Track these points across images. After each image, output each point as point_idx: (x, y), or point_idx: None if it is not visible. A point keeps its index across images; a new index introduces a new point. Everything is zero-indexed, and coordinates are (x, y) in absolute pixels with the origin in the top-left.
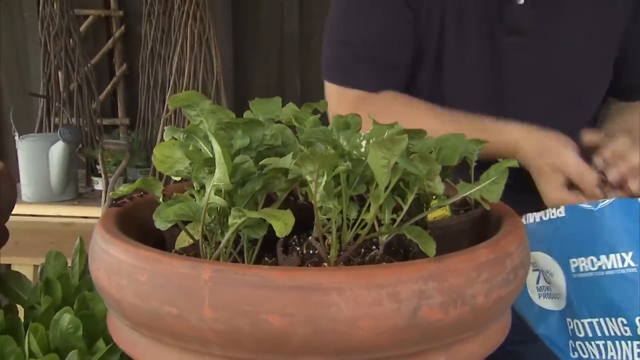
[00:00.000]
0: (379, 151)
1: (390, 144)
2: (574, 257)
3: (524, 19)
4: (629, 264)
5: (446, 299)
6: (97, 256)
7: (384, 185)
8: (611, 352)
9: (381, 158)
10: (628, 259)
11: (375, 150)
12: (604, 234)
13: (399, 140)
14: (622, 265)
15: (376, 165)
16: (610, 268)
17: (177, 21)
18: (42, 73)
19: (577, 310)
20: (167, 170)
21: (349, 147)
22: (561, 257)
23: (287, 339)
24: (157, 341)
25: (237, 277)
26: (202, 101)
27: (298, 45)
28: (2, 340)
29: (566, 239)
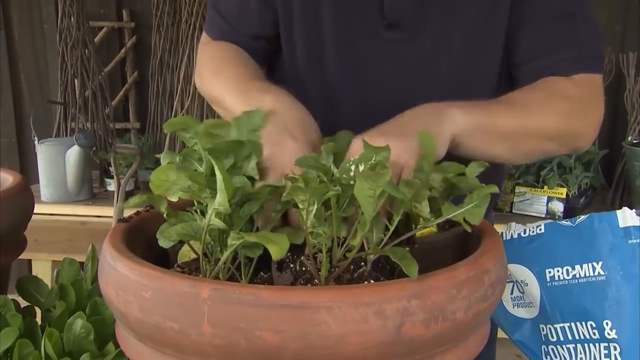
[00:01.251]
0: (365, 182)
1: (375, 177)
2: (551, 267)
3: (404, 11)
4: (599, 272)
5: (428, 315)
6: (106, 272)
7: (369, 214)
8: (580, 355)
9: (367, 189)
10: (598, 268)
11: (361, 181)
12: (578, 246)
13: (383, 174)
14: (593, 273)
15: (362, 196)
16: (583, 276)
17: (184, 33)
18: (60, 81)
19: (551, 316)
20: (164, 193)
21: (339, 173)
22: (538, 268)
23: (280, 354)
24: (160, 352)
25: (234, 295)
26: (195, 124)
27: None
28: (21, 343)
29: (544, 252)
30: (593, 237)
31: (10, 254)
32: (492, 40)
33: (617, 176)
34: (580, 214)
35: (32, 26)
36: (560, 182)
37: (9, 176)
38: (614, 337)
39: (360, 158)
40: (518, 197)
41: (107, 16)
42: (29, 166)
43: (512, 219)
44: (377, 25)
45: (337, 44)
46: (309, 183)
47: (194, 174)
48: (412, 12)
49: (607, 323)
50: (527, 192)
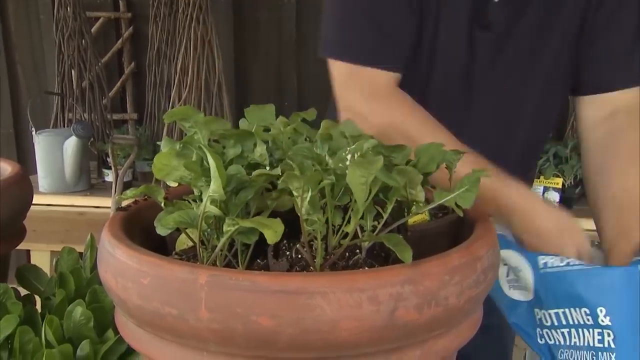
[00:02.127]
0: (358, 170)
1: (367, 164)
2: (544, 254)
3: (498, 16)
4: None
5: (421, 300)
6: (105, 259)
7: (362, 201)
8: (574, 339)
9: (359, 176)
10: None
11: (354, 169)
12: None
13: (375, 161)
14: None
15: (355, 183)
16: (577, 264)
17: (181, 23)
18: (57, 72)
19: (544, 302)
20: (165, 177)
21: (334, 161)
22: (531, 255)
23: (276, 338)
24: (159, 337)
25: (231, 281)
26: (195, 114)
27: (295, 46)
28: (22, 330)
29: None
30: None
31: (10, 243)
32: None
33: None
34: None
35: (29, 17)
36: (556, 172)
37: (7, 166)
38: (608, 324)
39: (355, 148)
40: None
41: (104, 6)
42: (26, 157)
43: None
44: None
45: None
46: (303, 171)
47: (190, 162)
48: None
49: (601, 310)
50: None
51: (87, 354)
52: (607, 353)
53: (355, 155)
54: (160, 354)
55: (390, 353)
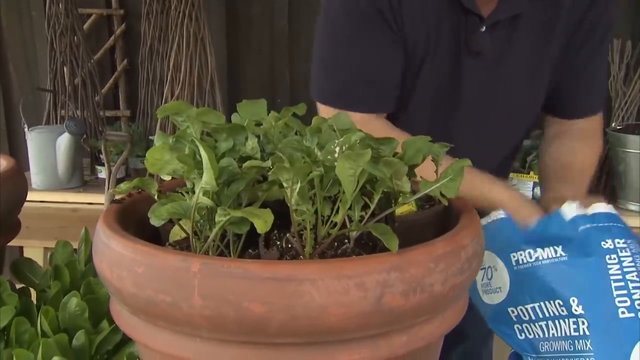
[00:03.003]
0: (346, 162)
1: (356, 157)
2: (514, 251)
3: (484, 43)
4: (560, 254)
5: (407, 287)
6: (100, 250)
7: (350, 192)
8: (552, 330)
9: (348, 168)
10: (559, 250)
11: (342, 161)
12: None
13: (363, 154)
14: (555, 255)
15: (343, 175)
16: (546, 258)
17: (174, 20)
18: (49, 69)
19: (520, 298)
20: (158, 172)
21: (323, 154)
22: (504, 254)
23: (267, 324)
24: (153, 325)
25: (223, 269)
26: (188, 109)
27: (287, 42)
28: (18, 321)
29: (507, 236)
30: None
31: (5, 236)
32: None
33: (601, 162)
34: None
35: (20, 13)
36: None
37: (2, 160)
38: (581, 313)
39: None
40: None
41: (96, 3)
42: (18, 154)
43: None
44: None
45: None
46: (293, 163)
47: (183, 155)
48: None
49: (574, 300)
50: (513, 177)
51: (83, 343)
52: (583, 340)
53: (343, 147)
54: (154, 340)
55: (378, 338)
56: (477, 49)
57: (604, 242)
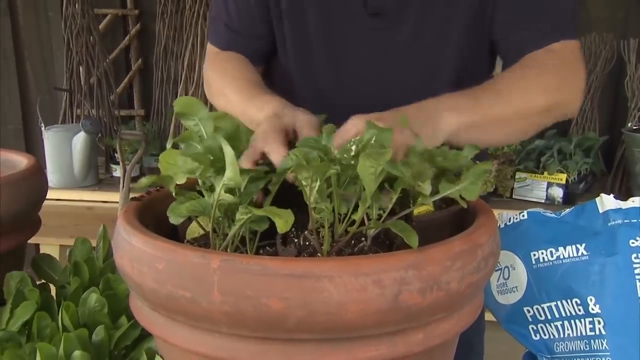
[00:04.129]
0: (367, 161)
1: (377, 155)
2: (535, 250)
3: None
4: (582, 253)
5: (424, 285)
6: (121, 246)
7: (371, 191)
8: (568, 331)
9: (369, 167)
10: (582, 249)
11: (364, 160)
12: (561, 232)
13: (384, 152)
14: (577, 254)
15: (365, 173)
16: (567, 257)
17: (188, 20)
18: (65, 68)
19: (538, 297)
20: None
21: (340, 152)
22: (523, 252)
23: (285, 320)
24: (173, 320)
25: (242, 266)
26: (200, 109)
27: None
28: (39, 316)
29: (528, 236)
30: (576, 225)
31: (25, 233)
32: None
33: (616, 162)
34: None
35: (37, 13)
36: (560, 167)
37: (23, 158)
38: (598, 312)
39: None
40: (518, 183)
41: (112, 3)
42: (35, 152)
43: (512, 204)
44: (361, 13)
45: (322, 32)
46: (310, 162)
47: (198, 154)
48: (393, 3)
49: (591, 299)
50: (527, 177)
51: (102, 338)
52: (599, 340)
53: (359, 146)
54: (174, 336)
55: (395, 335)
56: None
57: (632, 241)
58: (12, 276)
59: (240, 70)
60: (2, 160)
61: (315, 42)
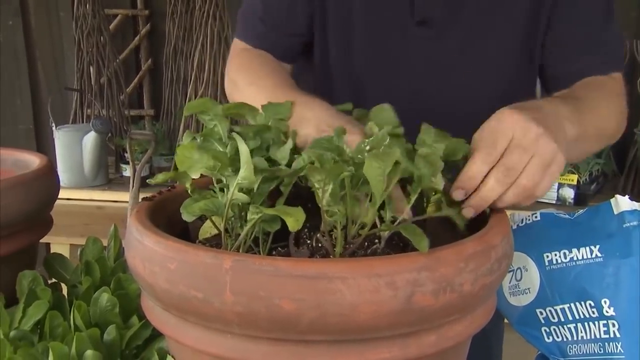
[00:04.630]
0: (374, 162)
1: (384, 156)
2: (548, 251)
3: (434, 10)
4: (596, 254)
5: (437, 286)
6: (133, 245)
7: (379, 192)
8: (581, 333)
9: (376, 168)
10: (595, 251)
11: (370, 161)
12: (575, 233)
13: (391, 153)
14: (591, 256)
15: (372, 175)
16: (581, 259)
17: (198, 20)
18: (76, 68)
19: (551, 299)
20: (188, 169)
21: (354, 153)
22: (536, 253)
23: (297, 321)
24: (185, 320)
25: (255, 266)
26: (214, 106)
27: None
28: (51, 315)
29: (541, 237)
30: (590, 226)
31: (37, 232)
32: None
33: (628, 163)
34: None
35: (49, 14)
36: (572, 168)
37: (35, 158)
38: (612, 315)
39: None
40: None
41: (122, 4)
42: (46, 152)
43: None
44: (407, 21)
45: (367, 37)
46: (324, 163)
47: (218, 152)
48: (441, 12)
49: (605, 301)
50: None
51: (114, 338)
52: (614, 343)
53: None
54: (185, 336)
55: (407, 337)
56: (424, 16)
57: None
58: (25, 275)
59: (271, 69)
60: (15, 160)
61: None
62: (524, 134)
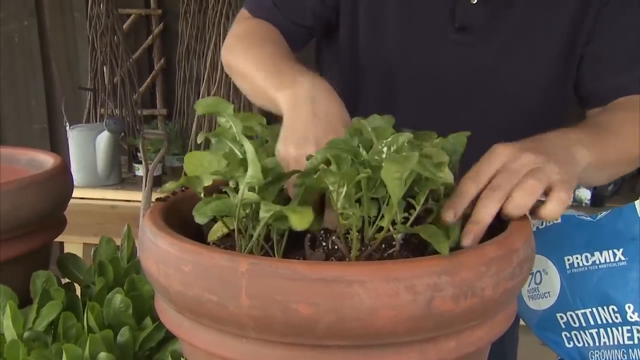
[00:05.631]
0: (393, 166)
1: (403, 160)
2: (569, 254)
3: (476, 17)
4: (620, 258)
5: (457, 291)
6: (146, 247)
7: (397, 197)
8: (604, 339)
9: (394, 172)
10: (619, 254)
11: (389, 165)
12: (597, 236)
13: (411, 157)
14: (614, 259)
15: (390, 178)
16: (603, 262)
17: (211, 20)
18: (90, 68)
19: (572, 303)
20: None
21: (370, 155)
22: (556, 257)
23: (314, 326)
24: (199, 323)
25: (271, 269)
26: (227, 107)
27: None
28: (65, 316)
29: (562, 240)
30: (613, 229)
31: (51, 232)
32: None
33: None
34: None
35: (63, 14)
36: None
37: (49, 158)
38: (637, 320)
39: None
40: None
41: (135, 3)
42: (60, 152)
43: None
44: (446, 26)
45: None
46: (340, 164)
47: (228, 153)
48: (482, 20)
49: (629, 307)
50: None
51: (127, 340)
52: (638, 350)
53: (391, 147)
54: (199, 339)
55: (426, 343)
56: (465, 23)
57: None
58: (39, 275)
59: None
60: (29, 160)
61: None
62: (515, 159)
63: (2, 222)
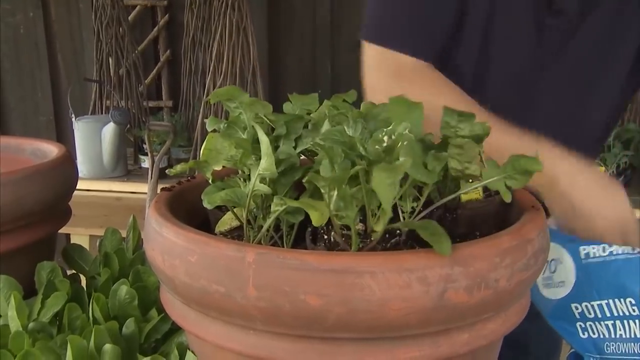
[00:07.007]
0: (383, 173)
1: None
2: (585, 244)
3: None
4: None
5: (471, 282)
6: (152, 237)
7: (389, 205)
8: (620, 331)
9: (385, 178)
10: None
11: (379, 172)
12: None
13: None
14: (632, 250)
15: (381, 186)
16: (620, 253)
17: (217, 11)
18: (95, 59)
19: (587, 294)
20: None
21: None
22: (572, 245)
23: (323, 317)
24: (205, 315)
25: (279, 260)
26: (240, 95)
27: (329, 32)
28: (70, 307)
29: None
30: None
31: (56, 223)
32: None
33: None
34: None
35: (69, 5)
36: (598, 160)
37: (54, 147)
38: None
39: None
40: None
41: None
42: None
43: None
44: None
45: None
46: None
47: (240, 139)
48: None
49: None
50: None
51: (133, 331)
52: None
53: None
54: (206, 331)
55: (438, 335)
56: (561, 7)
57: None
58: (43, 266)
59: None
60: (33, 150)
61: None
62: None
63: (5, 212)
